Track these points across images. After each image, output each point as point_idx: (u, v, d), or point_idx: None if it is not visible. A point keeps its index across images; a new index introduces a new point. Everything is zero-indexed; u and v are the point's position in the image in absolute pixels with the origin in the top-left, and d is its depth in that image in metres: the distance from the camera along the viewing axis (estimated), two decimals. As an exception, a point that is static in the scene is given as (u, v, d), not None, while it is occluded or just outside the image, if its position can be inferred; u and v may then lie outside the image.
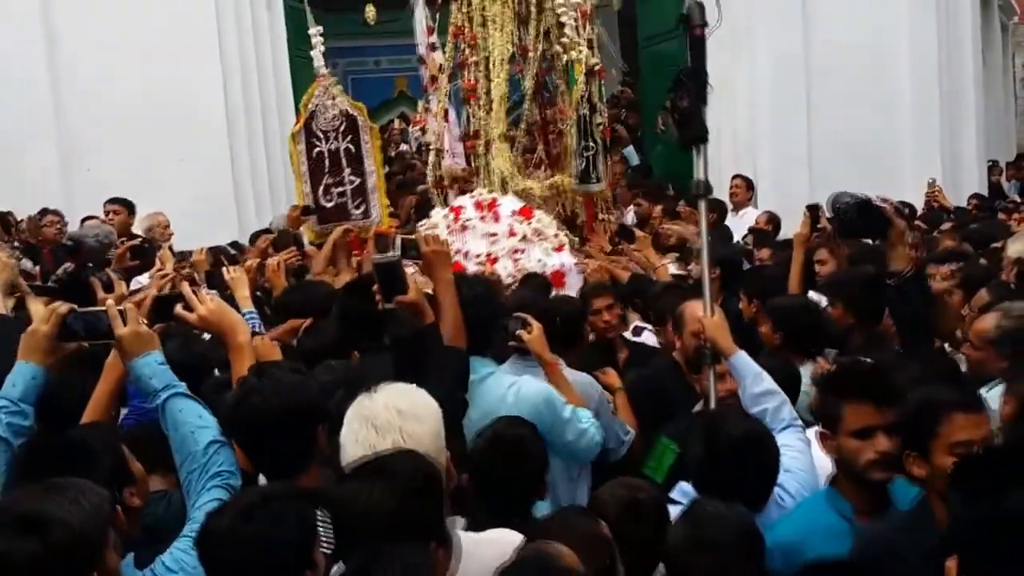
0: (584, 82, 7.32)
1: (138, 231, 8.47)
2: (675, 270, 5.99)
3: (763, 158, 11.01)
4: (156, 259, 6.68)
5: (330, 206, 7.60)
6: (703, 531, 2.70)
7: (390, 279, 3.45)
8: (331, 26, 8.19)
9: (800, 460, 3.45)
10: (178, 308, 3.22)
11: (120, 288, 4.81)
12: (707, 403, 4.01)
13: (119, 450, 2.84)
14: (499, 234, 6.83)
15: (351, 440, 2.57)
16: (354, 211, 7.60)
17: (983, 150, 12.47)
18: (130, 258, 7.48)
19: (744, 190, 10.22)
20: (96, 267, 6.32)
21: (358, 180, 7.53)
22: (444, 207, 7.41)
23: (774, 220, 9.18)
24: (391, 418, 2.55)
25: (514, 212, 6.95)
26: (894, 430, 2.91)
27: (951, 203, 10.13)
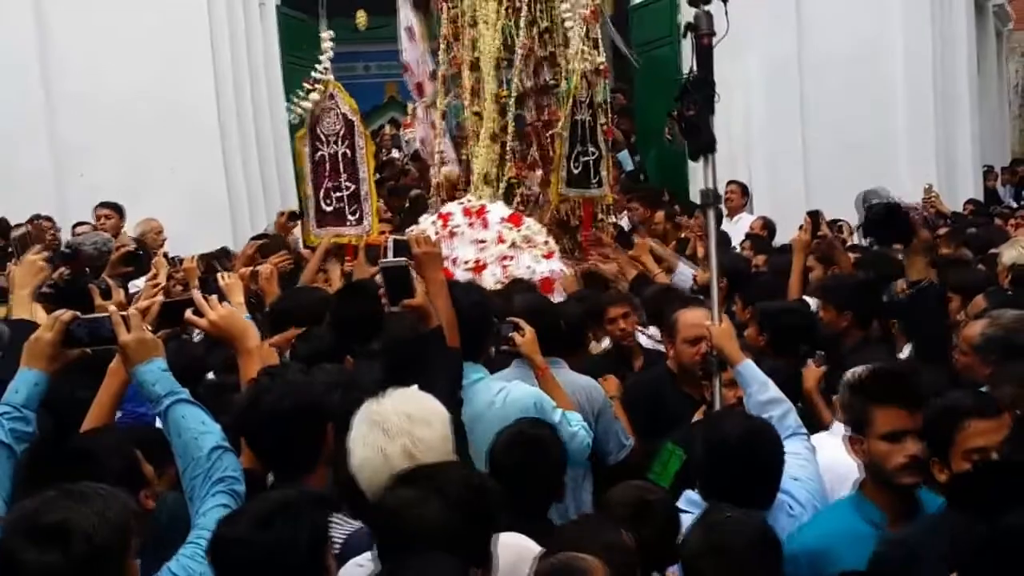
0: (584, 86, 7.24)
1: (131, 236, 8.40)
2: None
3: (758, 164, 10.98)
4: (151, 265, 6.64)
5: (329, 210, 7.59)
6: (720, 536, 2.69)
7: (397, 283, 3.47)
8: (319, 31, 8.15)
9: (808, 468, 3.45)
10: (188, 313, 3.24)
11: (118, 295, 4.80)
12: (712, 409, 4.02)
13: (132, 453, 2.89)
14: (488, 241, 6.83)
15: (360, 443, 2.60)
16: (350, 217, 7.57)
17: (978, 155, 12.50)
18: (123, 264, 7.43)
19: (739, 196, 10.22)
20: (93, 274, 6.29)
21: (353, 186, 7.50)
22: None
23: (769, 225, 9.19)
24: (401, 422, 2.58)
25: (503, 219, 6.94)
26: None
27: (948, 208, 10.13)
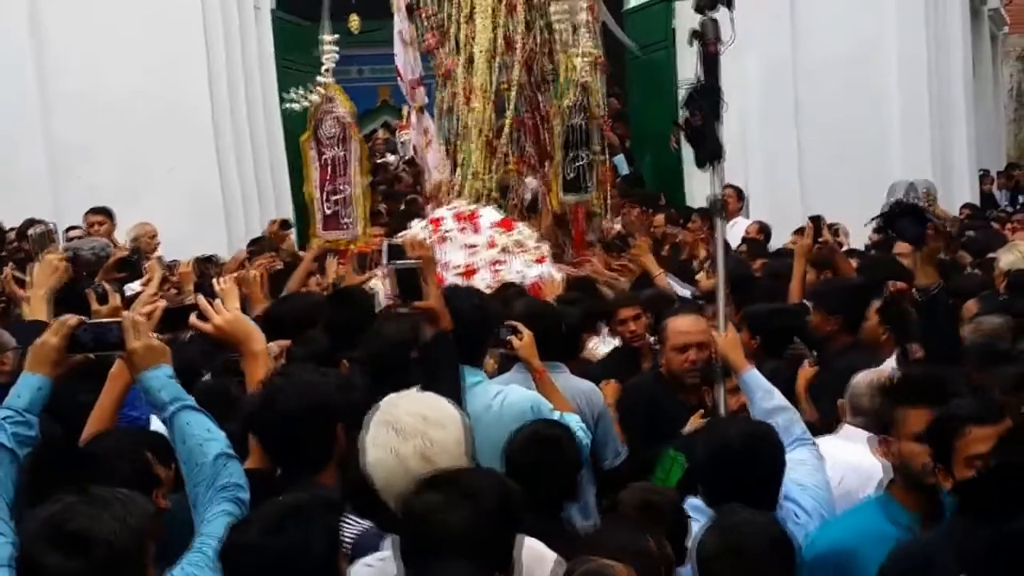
0: (578, 91, 7.17)
1: (125, 241, 8.35)
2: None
3: (753, 167, 10.94)
4: (144, 269, 6.60)
5: (329, 213, 7.59)
6: (736, 538, 2.68)
7: (409, 285, 3.47)
8: (314, 34, 8.12)
9: (815, 476, 3.44)
10: (192, 318, 3.21)
11: (114, 299, 4.75)
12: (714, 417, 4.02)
13: (144, 455, 2.94)
14: (479, 246, 6.84)
15: (373, 443, 2.60)
16: (345, 220, 7.56)
17: (974, 159, 12.48)
18: (116, 270, 7.39)
19: (735, 200, 10.16)
20: (89, 279, 6.26)
21: (348, 190, 7.49)
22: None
23: (765, 230, 9.22)
24: (415, 423, 2.58)
25: (494, 224, 6.94)
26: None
27: (949, 213, 10.09)
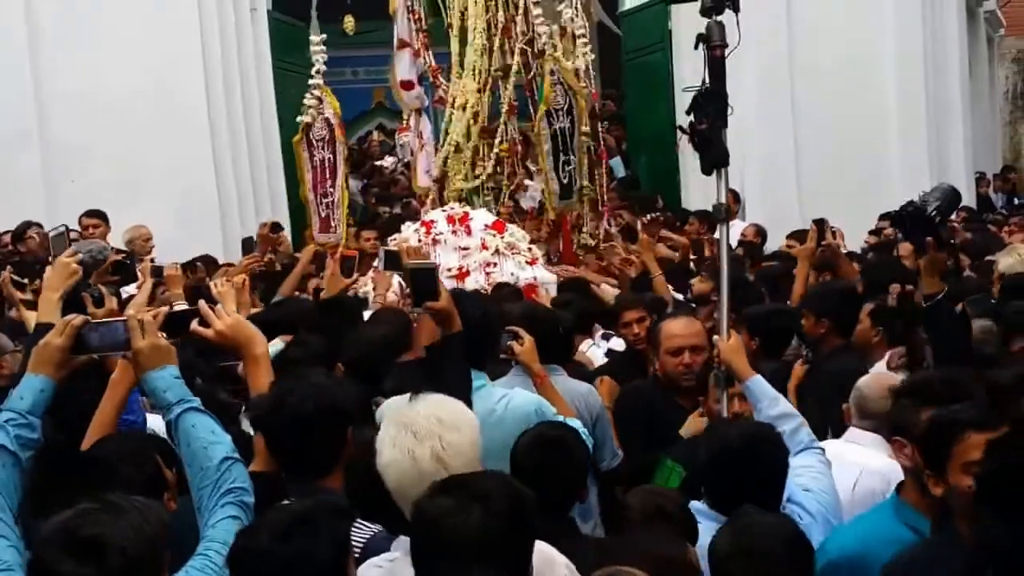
0: (560, 93, 7.14)
1: (118, 243, 8.32)
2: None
3: (750, 170, 10.92)
4: (138, 272, 6.57)
5: (323, 216, 7.58)
6: (750, 539, 2.67)
7: (424, 286, 3.42)
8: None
9: (822, 481, 3.42)
10: (194, 324, 3.18)
11: (110, 302, 4.72)
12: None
13: (153, 458, 2.95)
14: (471, 248, 6.84)
15: (388, 444, 2.60)
16: (333, 223, 7.55)
17: (970, 162, 12.46)
18: (110, 274, 7.35)
19: (732, 202, 10.14)
20: (84, 282, 6.23)
21: (336, 193, 7.48)
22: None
23: (762, 233, 9.23)
24: (431, 426, 2.58)
25: (486, 226, 6.93)
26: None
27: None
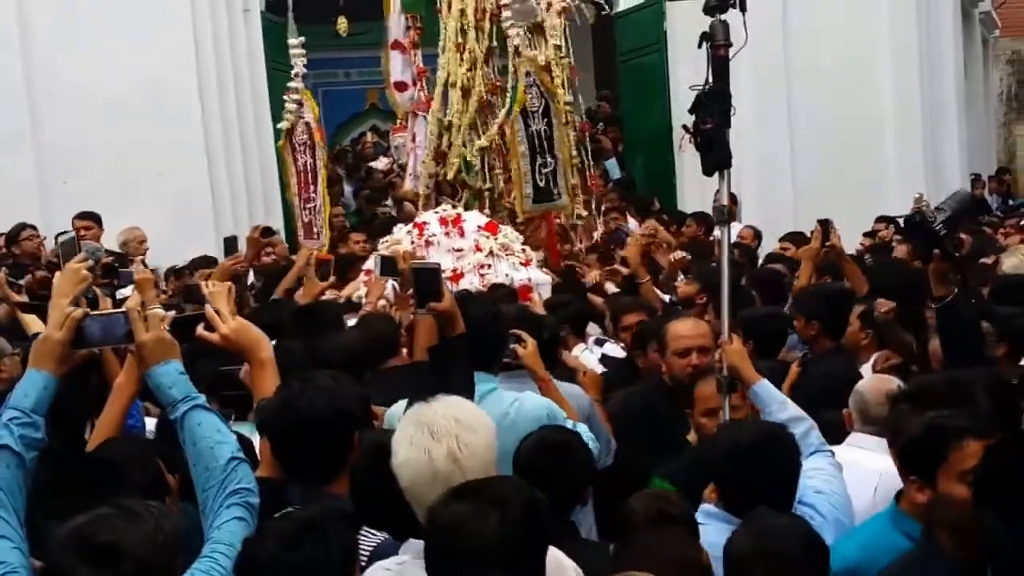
0: (536, 95, 7.07)
1: (112, 245, 8.27)
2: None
3: (746, 172, 10.89)
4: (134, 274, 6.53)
5: (307, 221, 7.51)
6: (768, 541, 2.66)
7: (428, 286, 3.39)
8: (305, 37, 8.05)
9: (833, 483, 3.40)
10: (199, 329, 3.15)
11: (105, 304, 4.67)
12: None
13: (157, 463, 2.95)
14: (465, 249, 6.81)
15: (405, 443, 2.59)
16: (316, 229, 7.51)
17: (966, 163, 12.48)
18: (102, 275, 7.30)
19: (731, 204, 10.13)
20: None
21: (317, 199, 7.43)
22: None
23: (758, 235, 9.23)
24: (448, 425, 2.58)
25: (479, 227, 6.89)
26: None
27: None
